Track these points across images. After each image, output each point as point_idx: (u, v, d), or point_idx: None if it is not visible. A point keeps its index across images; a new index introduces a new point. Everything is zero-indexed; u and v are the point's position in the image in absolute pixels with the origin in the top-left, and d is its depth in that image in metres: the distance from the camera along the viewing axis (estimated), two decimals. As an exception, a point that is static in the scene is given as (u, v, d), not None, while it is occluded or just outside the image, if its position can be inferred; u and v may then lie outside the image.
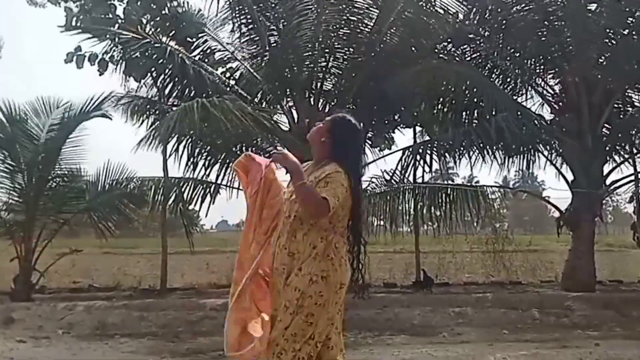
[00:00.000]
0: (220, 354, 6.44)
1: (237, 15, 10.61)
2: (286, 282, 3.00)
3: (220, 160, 10.97)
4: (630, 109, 11.14)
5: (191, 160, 10.72)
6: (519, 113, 9.99)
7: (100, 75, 10.82)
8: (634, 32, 10.35)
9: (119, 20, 10.87)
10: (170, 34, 10.74)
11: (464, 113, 10.95)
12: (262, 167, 3.17)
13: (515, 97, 11.09)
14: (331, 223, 3.02)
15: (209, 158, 10.88)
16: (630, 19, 10.23)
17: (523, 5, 10.45)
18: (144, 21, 11.12)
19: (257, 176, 3.16)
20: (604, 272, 11.66)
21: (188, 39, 11.05)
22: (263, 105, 10.95)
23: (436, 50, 10.90)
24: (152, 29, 10.90)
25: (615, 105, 10.76)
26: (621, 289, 11.06)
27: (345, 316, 3.21)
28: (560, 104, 11.06)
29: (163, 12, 11.15)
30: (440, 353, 6.27)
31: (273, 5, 10.69)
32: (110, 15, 10.97)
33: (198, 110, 8.30)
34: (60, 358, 6.25)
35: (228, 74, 11.35)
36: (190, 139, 10.56)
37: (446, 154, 10.65)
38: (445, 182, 12.22)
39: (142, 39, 9.90)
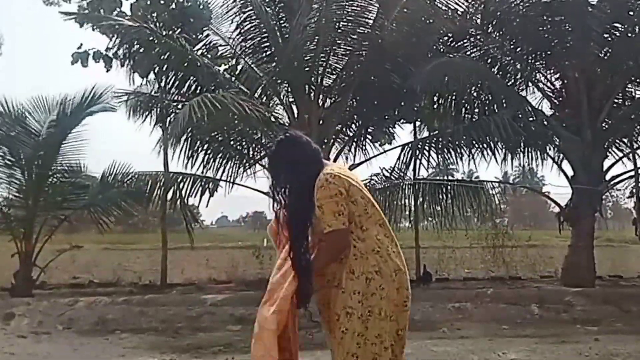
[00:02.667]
0: (220, 349, 6.47)
1: (240, 10, 10.60)
2: (340, 290, 2.88)
3: (220, 155, 10.96)
4: (630, 104, 11.13)
5: (191, 155, 10.70)
6: (528, 109, 10.02)
7: (107, 71, 10.88)
8: (634, 27, 10.34)
9: (126, 17, 10.89)
10: (174, 29, 10.74)
11: (464, 108, 10.94)
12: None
13: (518, 93, 11.08)
14: (354, 223, 2.93)
15: (208, 153, 10.86)
16: (631, 14, 10.22)
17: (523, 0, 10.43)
18: (150, 17, 11.12)
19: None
20: (603, 267, 11.67)
21: (191, 34, 11.06)
22: (263, 101, 10.94)
23: (436, 46, 10.89)
24: (157, 24, 10.89)
25: (615, 101, 10.75)
26: (621, 284, 11.07)
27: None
28: (560, 99, 11.06)
29: (170, 6, 11.15)
30: (440, 348, 6.27)
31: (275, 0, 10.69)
32: (117, 10, 11.00)
33: (207, 107, 8.30)
34: (60, 353, 6.25)
35: (229, 69, 11.35)
36: (190, 134, 10.55)
37: (446, 150, 10.64)
38: (445, 178, 12.20)
39: (148, 34, 9.91)
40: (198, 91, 10.44)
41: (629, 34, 10.30)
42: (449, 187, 10.92)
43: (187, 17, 11.04)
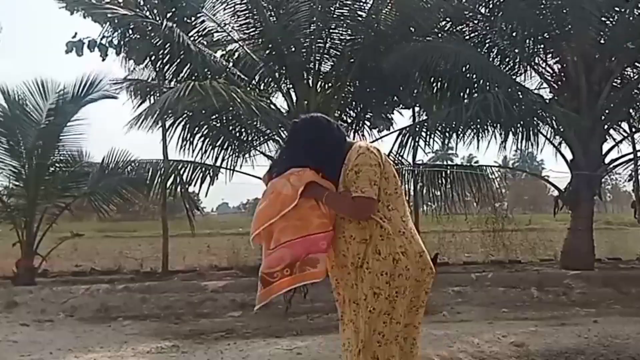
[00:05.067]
0: (221, 334, 6.52)
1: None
2: (366, 270, 2.88)
3: (219, 143, 10.94)
4: (629, 87, 11.10)
5: (190, 143, 10.67)
6: (519, 93, 9.98)
7: (102, 60, 10.80)
8: (632, 10, 10.29)
9: (118, 2, 10.80)
10: (168, 15, 10.66)
11: (462, 93, 10.91)
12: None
13: (514, 77, 11.06)
14: (381, 202, 2.92)
15: (208, 140, 10.84)
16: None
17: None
18: (142, 2, 11.04)
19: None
20: (602, 250, 11.72)
21: (186, 19, 10.97)
22: (262, 88, 10.91)
23: (434, 30, 10.85)
24: (150, 10, 10.81)
25: (614, 84, 10.73)
26: (619, 266, 11.10)
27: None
28: (559, 83, 11.05)
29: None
30: (440, 332, 6.30)
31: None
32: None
33: (191, 92, 8.23)
34: (63, 341, 6.28)
35: (227, 56, 11.30)
36: (189, 122, 10.53)
37: (445, 133, 10.63)
38: (445, 163, 12.21)
39: (141, 20, 9.85)
40: (194, 78, 10.39)
41: (628, 17, 10.26)
42: (448, 172, 10.93)
43: (180, 2, 10.93)
